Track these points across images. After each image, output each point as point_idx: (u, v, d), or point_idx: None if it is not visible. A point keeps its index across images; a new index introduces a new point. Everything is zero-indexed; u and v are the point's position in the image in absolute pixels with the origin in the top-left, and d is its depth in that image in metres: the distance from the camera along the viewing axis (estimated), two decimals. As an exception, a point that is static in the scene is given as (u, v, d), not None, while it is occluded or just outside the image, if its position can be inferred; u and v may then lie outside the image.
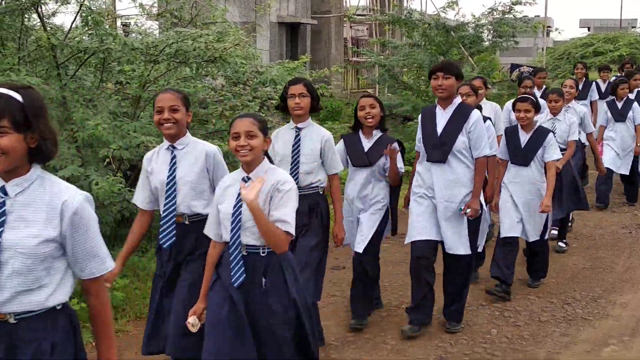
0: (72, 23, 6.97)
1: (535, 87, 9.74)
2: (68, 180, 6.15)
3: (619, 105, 10.29)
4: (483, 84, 7.62)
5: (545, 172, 6.51)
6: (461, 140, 5.43)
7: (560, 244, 8.13)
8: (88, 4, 6.78)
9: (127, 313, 6.02)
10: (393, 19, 15.73)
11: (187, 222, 4.32)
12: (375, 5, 26.69)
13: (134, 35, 10.13)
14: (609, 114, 10.32)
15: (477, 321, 5.98)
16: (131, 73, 7.10)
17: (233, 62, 7.33)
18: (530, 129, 6.55)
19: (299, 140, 5.16)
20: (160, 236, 4.34)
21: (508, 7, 15.27)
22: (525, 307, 6.34)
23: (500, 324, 5.95)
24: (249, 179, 3.77)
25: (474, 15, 15.66)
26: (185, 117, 4.31)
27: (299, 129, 5.18)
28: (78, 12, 6.76)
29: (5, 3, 6.12)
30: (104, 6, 13.06)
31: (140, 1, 9.65)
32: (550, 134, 6.58)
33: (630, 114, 10.21)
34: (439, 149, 5.46)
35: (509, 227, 6.47)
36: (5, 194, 2.59)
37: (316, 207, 5.16)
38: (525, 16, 15.99)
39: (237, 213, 3.75)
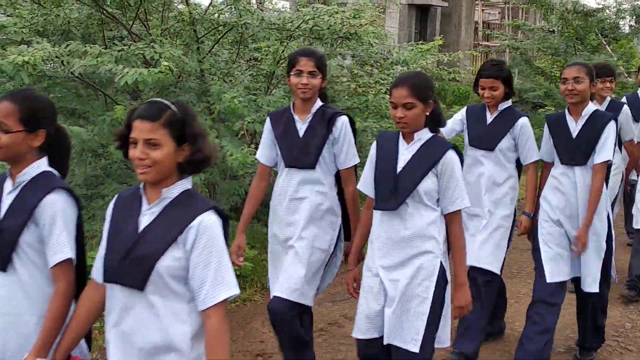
0: (212, -1, 7.14)
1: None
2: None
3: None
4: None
5: None
6: None
7: None
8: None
9: (255, 283, 6.17)
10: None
11: None
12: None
13: (267, 12, 10.28)
14: None
15: (610, 314, 5.74)
16: (266, 49, 7.19)
17: (366, 41, 7.31)
18: None
19: None
20: None
21: (654, -8, 14.55)
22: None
23: (635, 318, 5.71)
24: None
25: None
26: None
27: None
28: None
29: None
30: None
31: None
32: None
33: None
34: None
35: None
36: None
37: None
38: (671, 2, 15.19)
39: None
